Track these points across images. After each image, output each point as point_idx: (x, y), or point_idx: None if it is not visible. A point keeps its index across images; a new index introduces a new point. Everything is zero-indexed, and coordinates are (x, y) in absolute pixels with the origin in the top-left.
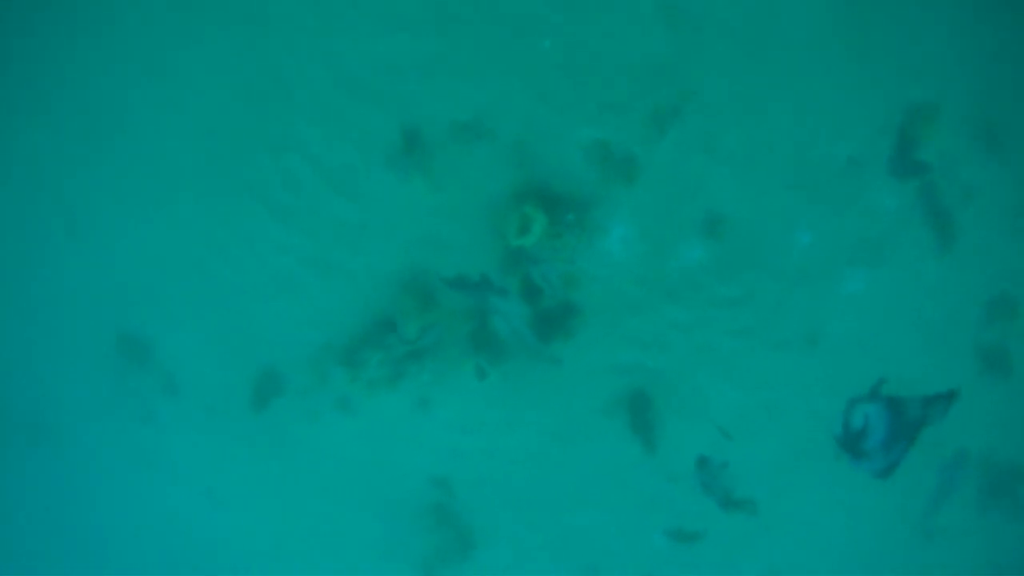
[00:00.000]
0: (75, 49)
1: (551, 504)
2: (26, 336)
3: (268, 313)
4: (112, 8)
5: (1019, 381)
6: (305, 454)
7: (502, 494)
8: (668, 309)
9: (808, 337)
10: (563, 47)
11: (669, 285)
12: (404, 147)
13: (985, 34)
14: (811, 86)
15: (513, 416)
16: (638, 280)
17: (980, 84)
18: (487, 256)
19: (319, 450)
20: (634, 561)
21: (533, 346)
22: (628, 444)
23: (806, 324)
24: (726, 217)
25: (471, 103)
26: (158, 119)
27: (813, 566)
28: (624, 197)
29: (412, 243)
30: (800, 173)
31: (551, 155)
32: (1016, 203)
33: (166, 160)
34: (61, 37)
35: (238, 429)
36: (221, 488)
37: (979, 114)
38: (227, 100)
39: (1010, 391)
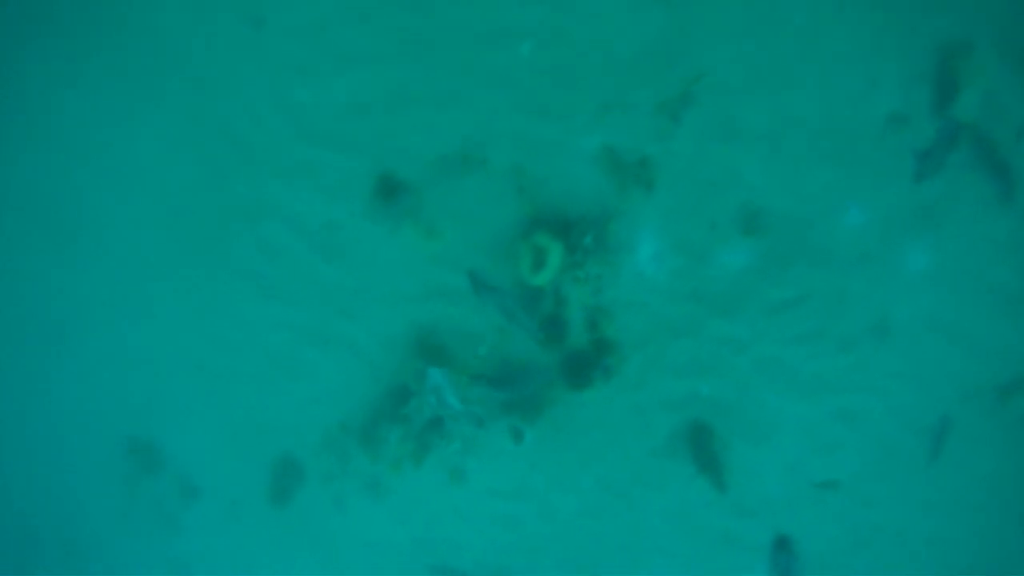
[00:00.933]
0: (22, 160)
1: (618, 560)
2: (41, 457)
3: (275, 397)
4: (49, 107)
5: None
6: (341, 544)
7: (564, 557)
8: (717, 326)
9: (877, 328)
10: (545, 48)
11: (714, 298)
12: (385, 194)
13: None
14: (832, 40)
15: (562, 473)
16: (678, 299)
17: (1011, 9)
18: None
19: (354, 538)
20: None
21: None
22: (694, 483)
23: (872, 314)
24: (765, 209)
25: (453, 132)
26: (120, 211)
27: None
28: (646, 207)
29: (414, 300)
30: (838, 143)
31: (554, 173)
32: None
33: (138, 253)
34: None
35: (265, 525)
36: None
37: (1017, 42)
38: (186, 175)
39: None
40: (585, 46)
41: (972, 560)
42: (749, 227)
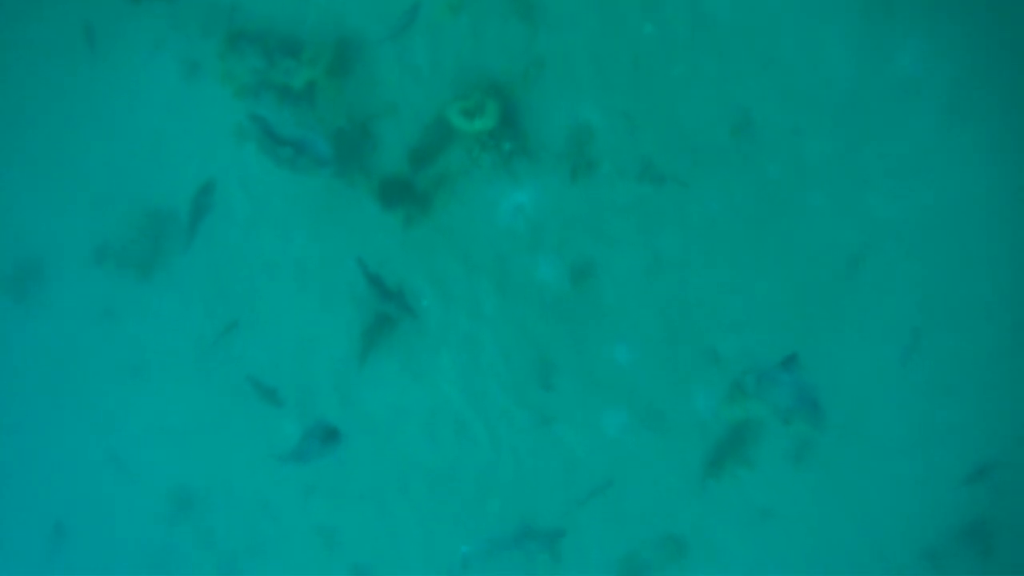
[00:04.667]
0: None
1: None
2: None
3: None
4: None
5: None
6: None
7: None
8: (489, 297)
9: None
10: (659, 41)
11: (509, 278)
12: None
13: None
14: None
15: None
16: (489, 247)
17: None
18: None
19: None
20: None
21: None
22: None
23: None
24: (595, 270)
25: None
26: None
27: None
28: (553, 179)
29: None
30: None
31: (552, 93)
32: None
33: None
34: None
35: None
36: None
37: None
38: None
39: None
40: (684, 69)
41: None
42: (577, 278)
